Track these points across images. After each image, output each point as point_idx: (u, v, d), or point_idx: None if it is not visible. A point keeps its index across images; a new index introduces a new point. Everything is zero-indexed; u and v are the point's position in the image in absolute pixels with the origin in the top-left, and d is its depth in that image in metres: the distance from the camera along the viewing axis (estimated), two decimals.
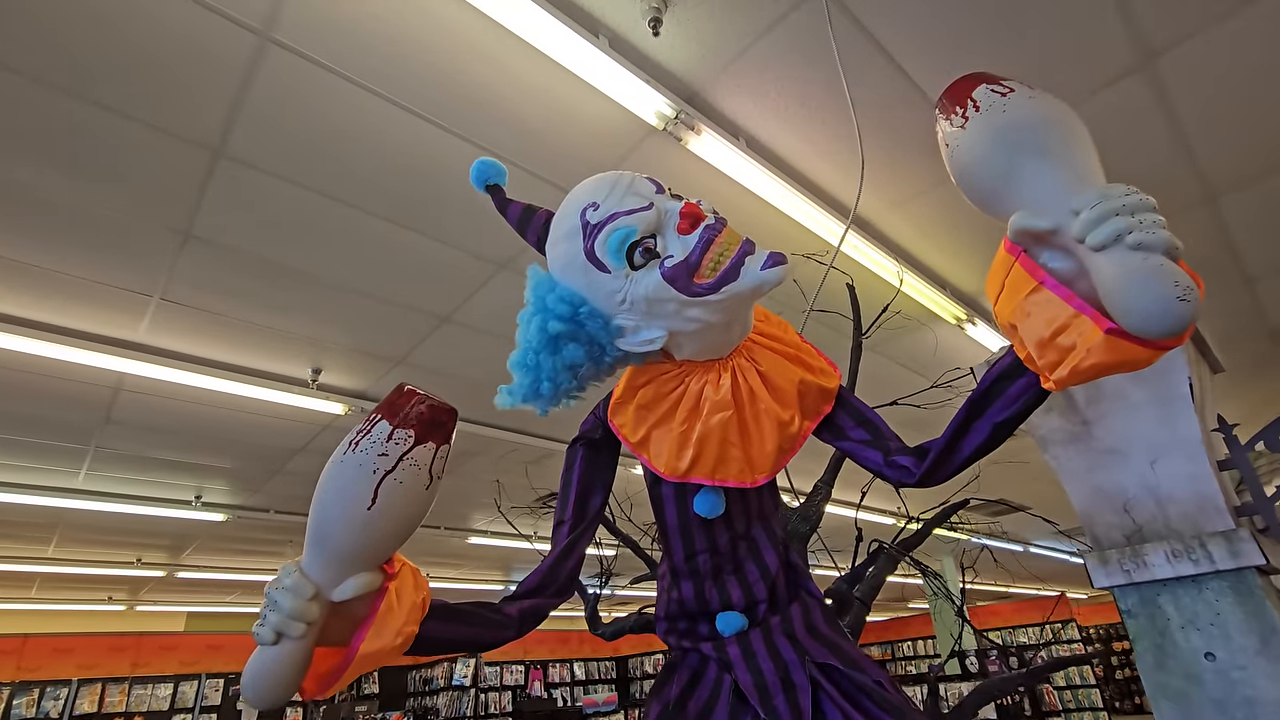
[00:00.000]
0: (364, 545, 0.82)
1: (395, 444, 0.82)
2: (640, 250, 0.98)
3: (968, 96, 0.80)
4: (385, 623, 0.84)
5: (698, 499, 1.16)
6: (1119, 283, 0.63)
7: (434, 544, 7.54)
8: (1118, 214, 0.66)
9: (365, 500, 0.80)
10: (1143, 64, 2.28)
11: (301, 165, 2.47)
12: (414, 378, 4.02)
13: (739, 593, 1.16)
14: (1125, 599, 1.48)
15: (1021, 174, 0.73)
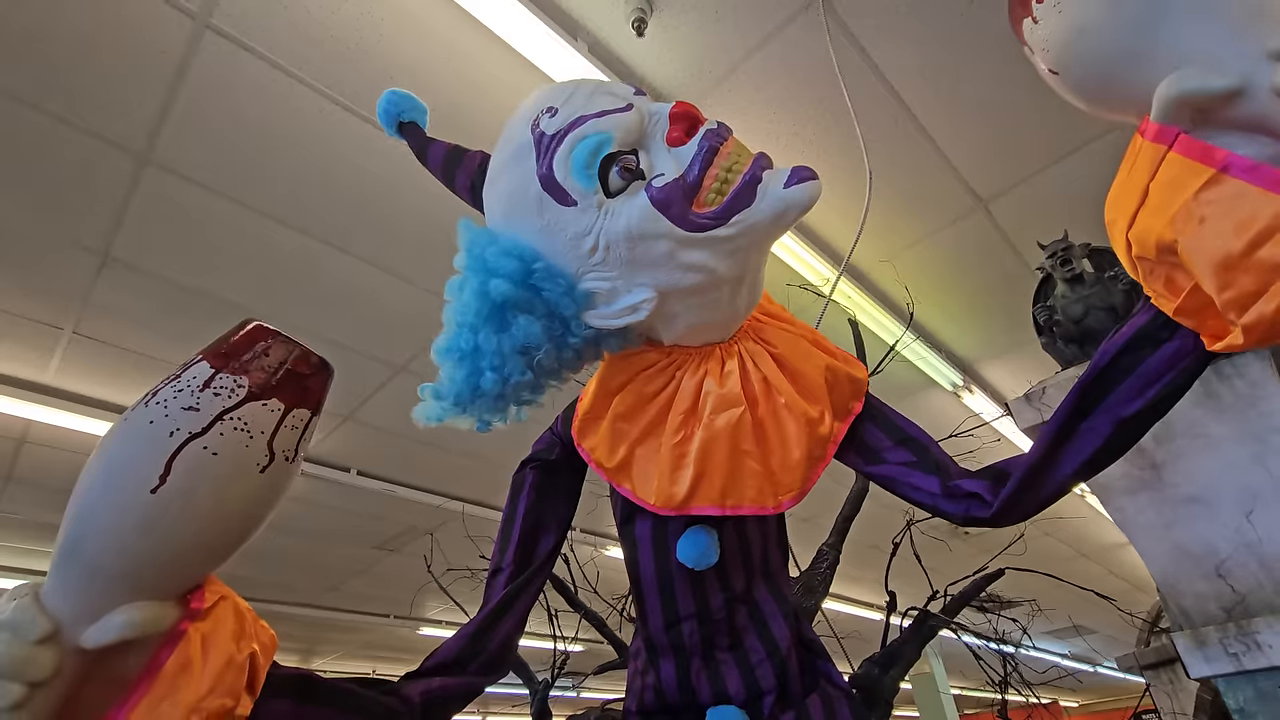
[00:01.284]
0: (142, 552, 0.52)
1: (215, 395, 0.55)
2: (618, 169, 0.71)
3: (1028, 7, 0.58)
4: (173, 689, 0.51)
5: (683, 541, 0.84)
6: None
7: (382, 635, 6.81)
8: None
9: (150, 477, 0.51)
10: None
11: (240, 178, 2.21)
12: (363, 436, 3.62)
13: (737, 679, 0.84)
14: (1235, 693, 1.14)
15: (1167, 25, 0.51)
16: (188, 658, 0.53)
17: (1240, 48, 0.48)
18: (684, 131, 0.72)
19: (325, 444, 3.69)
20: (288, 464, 0.59)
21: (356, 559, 5.06)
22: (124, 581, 0.52)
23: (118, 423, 0.56)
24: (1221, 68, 0.48)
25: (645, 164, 0.72)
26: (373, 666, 8.28)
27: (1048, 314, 1.57)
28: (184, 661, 0.53)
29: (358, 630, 6.59)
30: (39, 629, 0.48)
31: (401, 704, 0.73)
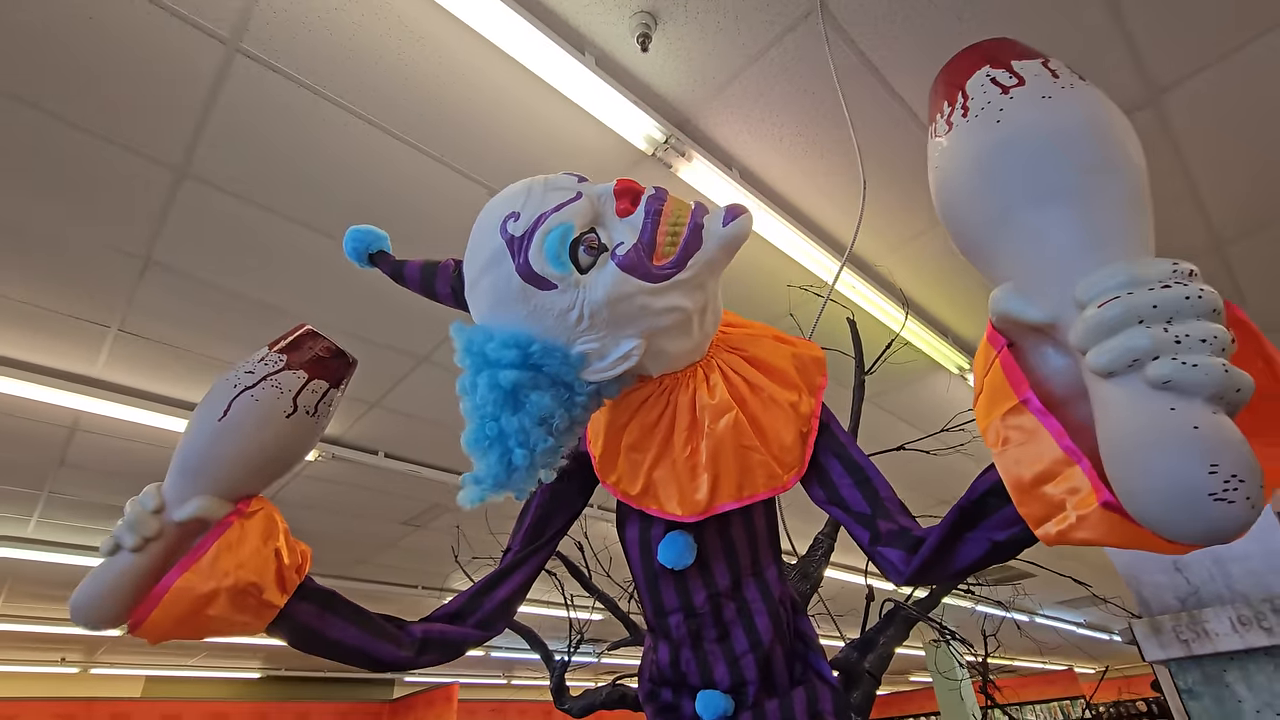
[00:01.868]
0: (208, 460, 0.79)
1: (264, 364, 0.84)
2: (584, 248, 0.81)
3: (959, 87, 0.57)
4: (216, 559, 0.76)
5: (663, 545, 0.96)
6: (1124, 443, 0.41)
7: (410, 604, 7.12)
8: (1143, 319, 0.42)
9: (217, 412, 0.80)
10: (1151, 99, 2.21)
11: (270, 188, 2.34)
12: (389, 422, 3.81)
13: (723, 668, 0.95)
14: (1184, 675, 1.25)
15: (1007, 223, 0.50)
16: (229, 540, 0.78)
17: (1063, 279, 0.47)
18: (629, 202, 0.83)
19: (355, 429, 3.88)
20: (308, 417, 0.85)
21: (385, 534, 5.30)
22: (196, 477, 0.79)
23: (212, 384, 0.85)
24: (1040, 298, 0.49)
25: (605, 238, 0.82)
26: None
27: None
28: (226, 542, 0.77)
29: (386, 600, 6.89)
30: (153, 503, 0.78)
31: (404, 634, 0.91)
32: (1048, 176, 0.49)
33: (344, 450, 3.96)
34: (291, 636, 0.83)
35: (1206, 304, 0.42)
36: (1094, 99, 0.52)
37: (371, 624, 0.87)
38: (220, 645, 8.05)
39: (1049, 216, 0.48)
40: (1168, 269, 0.44)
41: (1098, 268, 0.45)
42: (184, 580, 0.75)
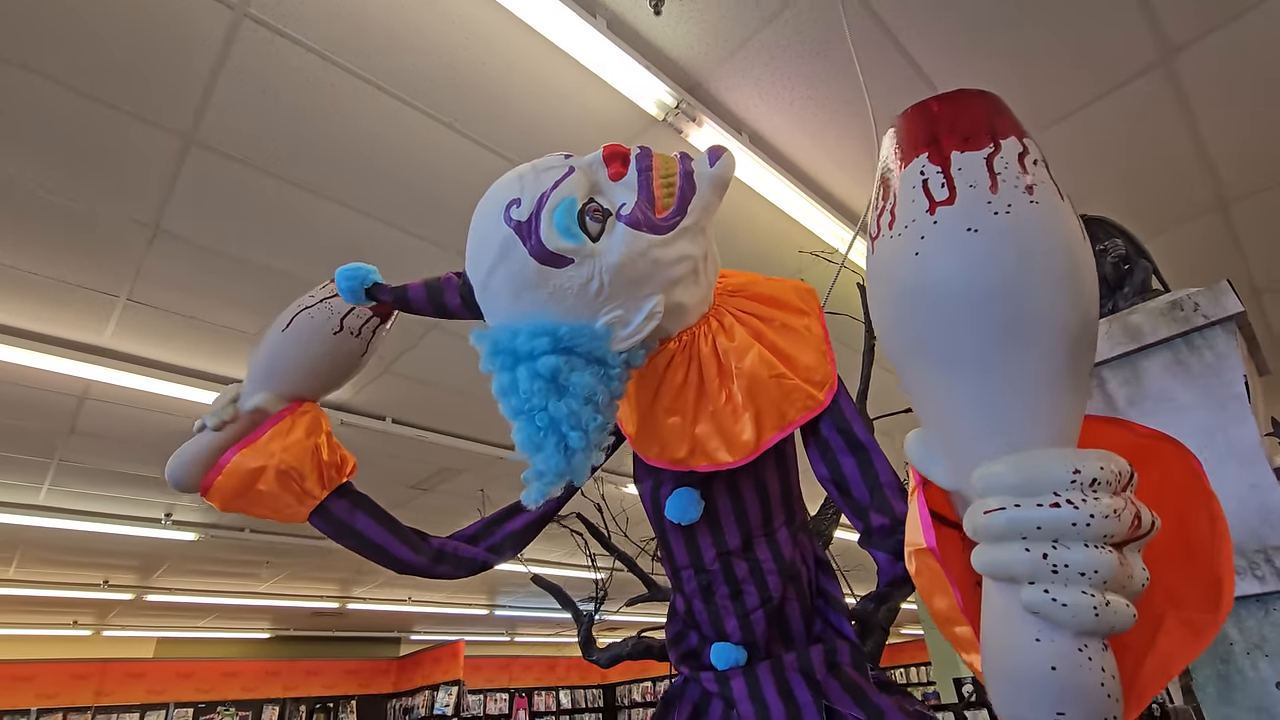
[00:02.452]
0: (271, 363, 0.97)
1: (324, 290, 1.01)
2: (590, 217, 0.82)
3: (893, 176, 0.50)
4: (267, 442, 0.93)
5: (670, 501, 0.99)
6: (989, 655, 0.41)
7: None
8: (1025, 536, 0.40)
9: (283, 324, 0.97)
10: (1164, 59, 2.20)
11: (278, 155, 2.33)
12: (399, 386, 3.84)
13: (734, 623, 0.98)
14: None
15: (922, 377, 0.46)
16: (280, 429, 0.95)
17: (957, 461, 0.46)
18: (620, 165, 0.86)
19: (363, 395, 3.92)
20: (352, 337, 0.99)
21: (394, 498, 5.39)
22: (265, 380, 0.97)
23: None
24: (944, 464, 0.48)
25: (606, 203, 0.84)
26: (409, 593, 8.87)
27: None
28: (277, 430, 0.95)
29: None
30: (231, 394, 0.98)
31: (424, 543, 1.03)
32: (955, 340, 0.43)
33: (351, 416, 4.01)
34: (327, 527, 0.97)
35: (1096, 530, 0.39)
36: (1031, 231, 0.42)
37: (396, 527, 1.01)
38: (229, 607, 8.23)
39: (954, 384, 0.44)
40: (1065, 477, 0.40)
41: (995, 457, 0.42)
42: (241, 456, 0.92)
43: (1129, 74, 2.24)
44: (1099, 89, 2.29)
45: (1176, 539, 0.49)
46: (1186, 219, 2.96)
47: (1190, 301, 1.41)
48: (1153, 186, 2.77)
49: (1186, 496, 0.50)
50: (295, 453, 0.93)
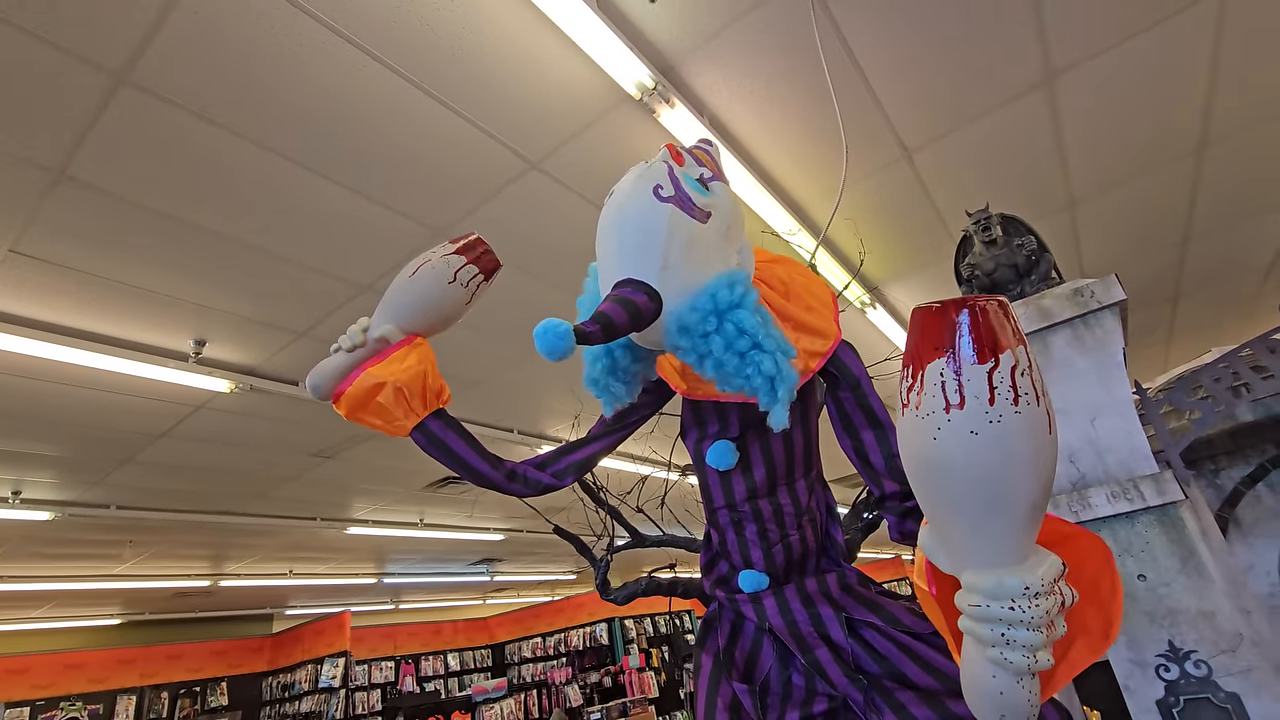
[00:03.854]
0: (398, 301, 1.12)
1: (443, 248, 1.16)
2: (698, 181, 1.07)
3: (921, 369, 0.62)
4: (388, 364, 1.08)
5: (710, 450, 1.19)
6: (966, 682, 0.69)
7: (305, 536, 6.95)
8: (993, 622, 0.64)
9: (409, 271, 1.13)
10: (1047, 80, 2.63)
11: (225, 103, 2.17)
12: (318, 352, 3.67)
13: (758, 553, 1.18)
14: None
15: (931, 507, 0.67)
16: (399, 355, 1.09)
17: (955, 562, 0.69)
18: (678, 157, 1.10)
19: (277, 359, 3.71)
20: (462, 288, 1.15)
21: (291, 466, 5.12)
22: (391, 314, 1.12)
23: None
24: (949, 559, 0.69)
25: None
26: (289, 567, 8.42)
27: (970, 269, 2.04)
28: (397, 355, 1.09)
29: (279, 534, 6.68)
30: (364, 323, 1.11)
31: (501, 463, 1.17)
32: (956, 501, 0.63)
33: (262, 381, 3.78)
34: (424, 440, 1.10)
35: (1035, 623, 0.63)
36: (1014, 437, 0.58)
37: (480, 448, 1.15)
38: (69, 593, 7.40)
39: (955, 524, 0.66)
40: (1019, 589, 0.63)
41: (980, 569, 0.65)
42: (367, 373, 1.07)
43: (1018, 90, 2.66)
44: (1003, 95, 2.69)
45: (1089, 593, 0.75)
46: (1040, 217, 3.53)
47: (1088, 289, 1.79)
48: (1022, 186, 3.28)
49: (1098, 567, 0.77)
50: (409, 375, 1.06)
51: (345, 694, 8.39)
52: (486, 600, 13.10)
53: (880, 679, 1.08)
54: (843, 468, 6.03)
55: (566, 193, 2.80)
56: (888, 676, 1.08)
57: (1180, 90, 2.77)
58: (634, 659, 9.05)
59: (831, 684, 1.09)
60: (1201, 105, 2.88)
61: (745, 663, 1.18)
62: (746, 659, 1.18)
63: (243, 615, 10.26)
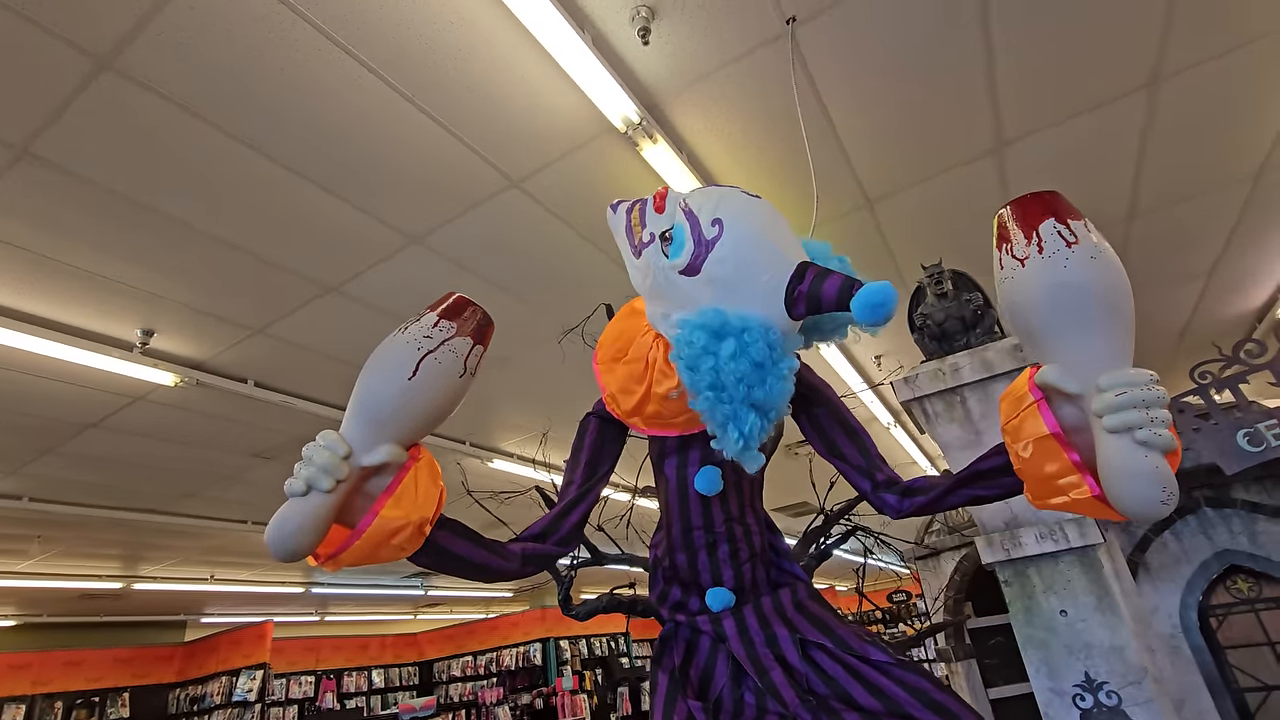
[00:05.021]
0: (399, 413, 0.89)
1: (439, 331, 0.92)
2: None
3: (1034, 229, 0.81)
4: (405, 495, 0.88)
5: (699, 476, 1.24)
6: (1118, 473, 0.73)
7: (233, 540, 6.66)
8: (1136, 406, 0.73)
9: (407, 371, 0.88)
10: (997, 148, 2.85)
11: (204, 91, 2.15)
12: (269, 349, 3.59)
13: (729, 572, 1.24)
14: (1003, 571, 1.87)
15: (1063, 334, 0.79)
16: (412, 481, 0.90)
17: (1090, 371, 0.76)
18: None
19: (227, 355, 3.60)
20: (471, 377, 0.96)
21: (230, 465, 4.94)
22: (388, 430, 0.89)
23: (385, 343, 0.92)
24: (1076, 380, 0.77)
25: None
26: (211, 571, 8.02)
27: (922, 318, 2.20)
28: (411, 483, 0.90)
29: (206, 536, 6.38)
30: (343, 449, 0.85)
31: (509, 552, 1.11)
32: (1089, 312, 0.77)
33: (209, 376, 3.66)
34: (430, 559, 0.97)
35: (1163, 400, 0.74)
36: (1112, 262, 0.78)
37: (487, 544, 1.04)
38: None
39: (1086, 335, 0.78)
40: (1148, 379, 0.75)
41: (1111, 370, 0.76)
42: (383, 518, 0.86)
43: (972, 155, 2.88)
44: (956, 158, 2.90)
45: None
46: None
47: None
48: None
49: None
50: (428, 503, 0.90)
51: (261, 709, 8.00)
52: (418, 615, 12.73)
53: (828, 700, 1.14)
54: (789, 496, 6.21)
55: (543, 213, 2.86)
56: (835, 698, 1.14)
57: (1113, 166, 3.05)
58: (567, 680, 8.95)
59: (784, 704, 1.14)
60: (1130, 181, 3.16)
61: (700, 680, 1.23)
62: (701, 677, 1.23)
63: (153, 621, 9.69)
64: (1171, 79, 2.57)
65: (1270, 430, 1.74)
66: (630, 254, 1.08)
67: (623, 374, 1.14)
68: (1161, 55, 2.47)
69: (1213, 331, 5.00)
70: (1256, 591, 2.94)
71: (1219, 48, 2.48)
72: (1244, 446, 1.76)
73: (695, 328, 0.96)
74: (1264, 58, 2.55)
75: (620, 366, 1.15)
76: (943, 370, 2.03)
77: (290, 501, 0.82)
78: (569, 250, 3.10)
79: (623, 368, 1.14)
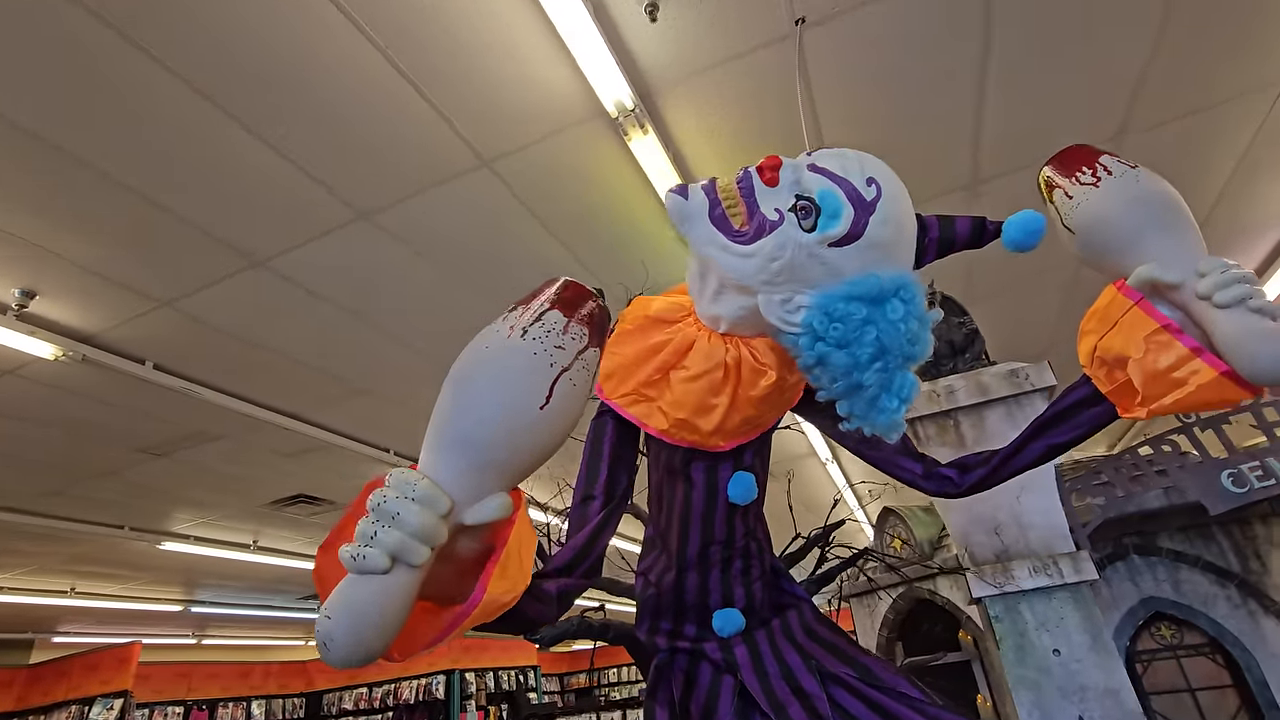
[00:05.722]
0: (521, 451, 0.65)
1: (571, 339, 0.69)
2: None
3: (1095, 162, 0.91)
4: (511, 561, 0.66)
5: (732, 483, 1.10)
6: (1244, 337, 0.76)
7: (104, 548, 5.88)
8: (1241, 281, 0.79)
9: (539, 397, 0.65)
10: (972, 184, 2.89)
11: (139, 12, 1.85)
12: (175, 326, 3.16)
13: (741, 591, 1.12)
14: (994, 606, 1.78)
15: (1148, 236, 0.87)
16: (517, 543, 0.69)
17: (1184, 264, 0.82)
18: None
19: (123, 329, 3.14)
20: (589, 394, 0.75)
21: (109, 460, 4.33)
22: (502, 474, 0.65)
23: (500, 347, 0.67)
24: (1172, 270, 0.82)
25: None
26: (73, 583, 7.07)
27: None
28: (515, 545, 0.68)
29: (71, 541, 5.59)
30: (444, 505, 0.60)
31: (547, 596, 0.90)
32: (1170, 215, 0.87)
33: (99, 353, 3.18)
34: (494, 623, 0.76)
35: (1254, 277, 0.80)
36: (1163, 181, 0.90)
37: (533, 594, 0.83)
38: None
39: (1170, 234, 0.86)
40: (1224, 259, 0.82)
41: (1205, 258, 0.83)
42: (491, 590, 0.63)
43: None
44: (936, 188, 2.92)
45: None
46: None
47: (1024, 372, 1.90)
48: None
49: None
50: (530, 565, 0.70)
51: None
52: (309, 641, 11.73)
53: None
54: None
55: (511, 199, 2.66)
56: None
57: None
58: (471, 717, 8.39)
59: None
60: None
61: (702, 716, 1.09)
62: (703, 711, 1.09)
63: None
64: (1139, 135, 2.68)
65: (1253, 472, 1.74)
66: (729, 242, 0.91)
67: (694, 391, 0.99)
68: (1130, 112, 2.57)
69: None
70: (1179, 639, 3.02)
71: (1183, 109, 2.61)
72: (1228, 487, 1.76)
73: (847, 300, 0.86)
74: (1218, 124, 2.70)
75: (682, 385, 0.99)
76: (936, 392, 1.95)
77: (362, 580, 0.56)
78: (534, 245, 2.89)
79: (688, 385, 0.99)
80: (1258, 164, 2.97)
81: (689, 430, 1.02)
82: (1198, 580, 3.06)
